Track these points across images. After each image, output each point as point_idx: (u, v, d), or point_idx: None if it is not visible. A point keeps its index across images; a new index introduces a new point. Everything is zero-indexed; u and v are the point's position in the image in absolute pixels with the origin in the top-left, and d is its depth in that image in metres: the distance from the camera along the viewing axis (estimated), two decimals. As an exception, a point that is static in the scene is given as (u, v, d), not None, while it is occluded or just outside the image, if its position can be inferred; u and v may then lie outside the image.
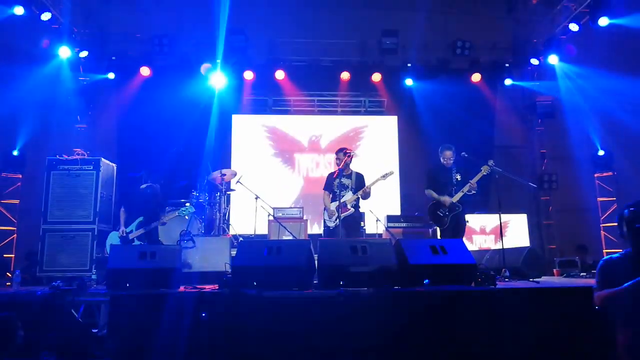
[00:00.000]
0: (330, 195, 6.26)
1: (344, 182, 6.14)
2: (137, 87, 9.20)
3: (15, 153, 8.42)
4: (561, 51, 9.03)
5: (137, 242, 5.87)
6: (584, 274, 7.00)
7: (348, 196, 6.08)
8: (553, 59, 9.06)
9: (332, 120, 10.00)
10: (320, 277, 4.20)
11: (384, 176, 6.09)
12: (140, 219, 5.96)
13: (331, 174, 6.44)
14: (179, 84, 9.03)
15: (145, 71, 9.10)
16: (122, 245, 5.69)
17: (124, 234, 5.88)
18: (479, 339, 3.61)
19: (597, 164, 9.45)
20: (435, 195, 6.08)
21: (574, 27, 8.43)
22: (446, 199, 5.95)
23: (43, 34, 8.17)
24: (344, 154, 6.25)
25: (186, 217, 6.35)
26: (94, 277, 5.96)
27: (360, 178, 6.26)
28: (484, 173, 5.86)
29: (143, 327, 3.58)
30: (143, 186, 6.23)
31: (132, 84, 9.21)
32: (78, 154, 6.97)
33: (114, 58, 9.12)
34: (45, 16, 7.76)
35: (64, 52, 8.31)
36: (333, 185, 6.19)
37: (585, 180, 9.57)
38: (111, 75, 9.08)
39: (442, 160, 6.18)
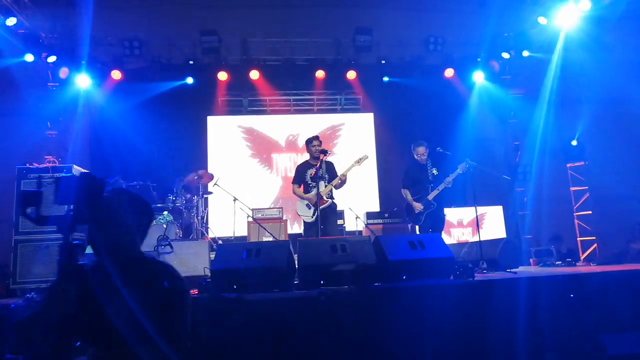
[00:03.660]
0: (302, 187, 6.06)
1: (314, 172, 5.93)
2: (108, 91, 9.03)
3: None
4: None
5: None
6: (560, 262, 7.16)
7: (321, 187, 5.81)
8: (525, 53, 9.23)
9: (308, 119, 10.00)
10: (300, 277, 4.19)
11: (359, 161, 5.91)
12: None
13: (301, 166, 6.21)
14: (152, 87, 8.91)
15: (116, 75, 8.92)
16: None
17: None
18: (459, 331, 3.65)
19: (570, 154, 9.66)
20: (409, 198, 6.20)
21: (542, 20, 8.59)
22: (418, 206, 6.07)
23: (8, 40, 7.95)
24: (319, 141, 6.03)
25: (164, 226, 6.25)
26: (69, 287, 5.82)
27: (331, 166, 6.07)
28: (459, 172, 5.94)
29: (121, 336, 3.51)
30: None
31: (103, 88, 9.03)
32: (49, 162, 6.79)
33: (83, 62, 8.91)
34: (11, 21, 7.53)
35: (30, 57, 8.11)
36: (305, 176, 6.03)
37: (558, 170, 9.78)
38: (81, 80, 8.89)
39: (415, 157, 6.25)
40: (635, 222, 8.64)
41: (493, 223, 8.77)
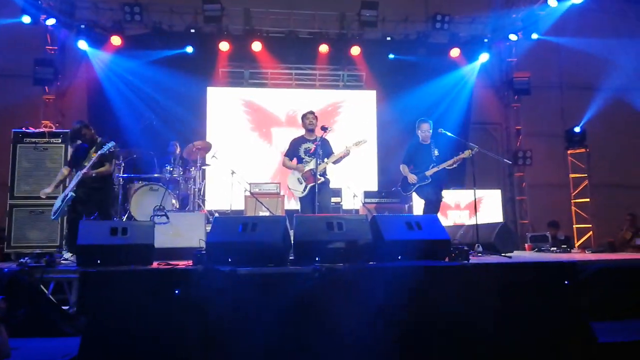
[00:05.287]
0: (294, 161, 5.96)
1: (310, 147, 5.86)
2: (107, 56, 8.86)
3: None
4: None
5: (70, 195, 5.17)
6: (555, 248, 7.18)
7: (312, 164, 5.68)
8: (534, 36, 9.10)
9: (310, 94, 9.86)
10: (295, 253, 4.17)
11: (357, 144, 5.75)
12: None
13: (295, 140, 6.07)
14: (152, 54, 8.77)
15: (116, 40, 8.74)
16: (92, 221, 5.52)
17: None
18: (452, 313, 3.66)
19: (572, 140, 9.59)
20: (406, 171, 6.15)
21: (552, 2, 8.41)
22: (413, 178, 6.02)
23: (6, 1, 7.79)
24: (314, 116, 5.95)
25: (108, 152, 5.38)
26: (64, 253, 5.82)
27: (326, 143, 5.92)
28: (465, 157, 5.84)
29: (114, 304, 3.51)
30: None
31: (102, 54, 8.86)
32: (46, 127, 6.71)
33: (83, 26, 8.74)
34: (8, -20, 7.36)
35: (27, 19, 7.97)
36: (299, 150, 5.93)
37: (559, 156, 9.75)
38: (81, 45, 8.71)
39: (419, 133, 6.15)
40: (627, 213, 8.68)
41: (490, 207, 8.76)
